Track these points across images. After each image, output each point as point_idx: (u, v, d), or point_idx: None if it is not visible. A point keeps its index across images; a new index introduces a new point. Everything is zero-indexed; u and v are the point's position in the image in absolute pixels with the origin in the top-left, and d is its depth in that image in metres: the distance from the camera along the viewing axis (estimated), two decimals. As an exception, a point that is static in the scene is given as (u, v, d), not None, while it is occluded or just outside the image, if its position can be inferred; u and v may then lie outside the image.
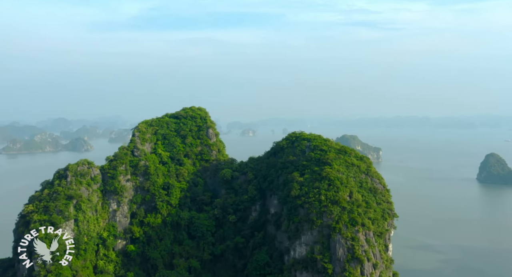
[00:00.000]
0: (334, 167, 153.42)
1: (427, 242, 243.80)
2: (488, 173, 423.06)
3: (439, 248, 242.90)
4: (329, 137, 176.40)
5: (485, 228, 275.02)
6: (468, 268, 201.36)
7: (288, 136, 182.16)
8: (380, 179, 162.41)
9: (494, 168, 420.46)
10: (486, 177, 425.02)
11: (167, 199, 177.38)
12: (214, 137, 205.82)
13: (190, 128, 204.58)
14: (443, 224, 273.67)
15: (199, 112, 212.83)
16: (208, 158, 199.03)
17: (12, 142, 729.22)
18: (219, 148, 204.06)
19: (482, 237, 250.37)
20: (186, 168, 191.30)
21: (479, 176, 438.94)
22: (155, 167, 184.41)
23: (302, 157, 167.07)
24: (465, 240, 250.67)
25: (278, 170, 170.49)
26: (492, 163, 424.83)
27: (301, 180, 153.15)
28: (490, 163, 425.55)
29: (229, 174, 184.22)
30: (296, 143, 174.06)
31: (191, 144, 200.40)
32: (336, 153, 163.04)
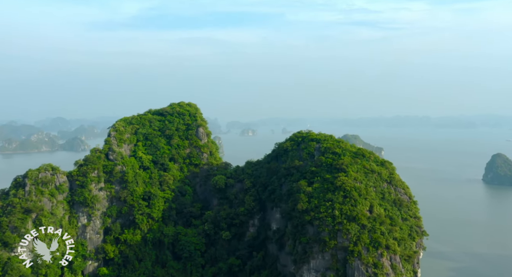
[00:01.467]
0: (350, 174, 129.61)
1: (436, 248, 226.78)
2: (494, 174, 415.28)
3: (449, 255, 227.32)
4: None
5: (495, 232, 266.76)
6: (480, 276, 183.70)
7: (293, 136, 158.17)
8: (406, 189, 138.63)
9: (501, 169, 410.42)
10: (492, 178, 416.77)
11: (148, 211, 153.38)
12: (206, 137, 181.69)
13: (177, 126, 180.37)
14: (451, 227, 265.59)
15: (188, 108, 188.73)
16: (198, 162, 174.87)
17: (7, 142, 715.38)
18: (211, 150, 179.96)
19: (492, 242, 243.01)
20: (171, 174, 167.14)
21: (485, 177, 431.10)
22: (134, 173, 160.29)
23: (311, 161, 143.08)
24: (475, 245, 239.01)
25: (281, 177, 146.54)
26: (499, 164, 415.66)
27: (310, 190, 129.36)
28: (496, 163, 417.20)
29: (223, 181, 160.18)
30: (303, 145, 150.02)
31: (178, 146, 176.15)
32: (352, 157, 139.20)
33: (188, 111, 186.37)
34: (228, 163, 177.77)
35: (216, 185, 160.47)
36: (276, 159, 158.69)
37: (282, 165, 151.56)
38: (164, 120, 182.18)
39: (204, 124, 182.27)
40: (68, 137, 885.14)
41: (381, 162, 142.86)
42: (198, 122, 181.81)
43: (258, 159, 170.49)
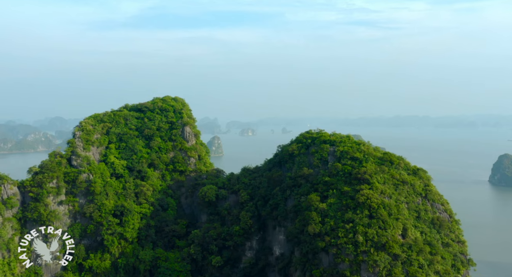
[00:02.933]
0: (376, 186, 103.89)
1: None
2: (502, 175, 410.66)
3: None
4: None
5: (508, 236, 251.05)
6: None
7: (300, 137, 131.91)
8: (445, 204, 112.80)
9: (509, 170, 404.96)
10: (499, 180, 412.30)
11: (120, 230, 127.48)
12: (193, 138, 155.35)
13: (159, 125, 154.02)
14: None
15: (172, 103, 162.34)
16: (183, 168, 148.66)
17: (3, 142, 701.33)
18: (200, 154, 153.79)
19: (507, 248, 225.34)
20: (150, 184, 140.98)
21: (491, 178, 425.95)
22: (103, 182, 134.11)
23: (323, 169, 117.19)
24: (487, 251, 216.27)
25: (285, 189, 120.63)
26: (506, 165, 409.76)
27: (324, 207, 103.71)
28: (504, 164, 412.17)
29: (213, 192, 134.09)
30: (313, 148, 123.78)
31: (159, 149, 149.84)
32: (377, 163, 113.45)
33: (172, 106, 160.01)
34: (220, 170, 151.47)
35: (205, 197, 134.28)
36: (280, 166, 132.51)
37: (287, 173, 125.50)
38: (143, 117, 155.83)
39: (191, 122, 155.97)
40: (65, 137, 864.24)
41: (413, 170, 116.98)
42: (184, 119, 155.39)
43: (257, 165, 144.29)
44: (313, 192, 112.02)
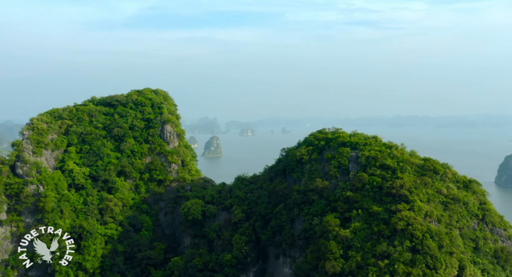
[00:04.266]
0: (419, 206, 77.47)
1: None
2: (508, 177, 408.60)
3: None
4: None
5: None
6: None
7: (311, 138, 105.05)
8: (508, 229, 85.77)
9: None
10: (506, 181, 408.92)
11: (78, 259, 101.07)
12: (176, 139, 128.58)
13: (133, 123, 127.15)
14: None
15: (151, 96, 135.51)
16: (162, 177, 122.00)
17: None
18: (183, 159, 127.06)
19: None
20: (119, 197, 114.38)
21: (498, 179, 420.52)
22: (58, 196, 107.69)
23: (344, 181, 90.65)
24: None
25: (292, 206, 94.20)
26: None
27: (346, 234, 77.30)
28: (510, 165, 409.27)
29: (199, 209, 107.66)
30: (329, 153, 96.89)
31: (132, 153, 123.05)
32: (417, 173, 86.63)
33: (150, 100, 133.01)
34: (208, 180, 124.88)
35: (189, 215, 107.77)
36: (284, 175, 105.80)
37: (294, 186, 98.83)
38: (113, 113, 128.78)
39: (173, 120, 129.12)
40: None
41: (463, 182, 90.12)
42: (164, 116, 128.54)
43: (255, 174, 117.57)
44: (331, 213, 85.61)
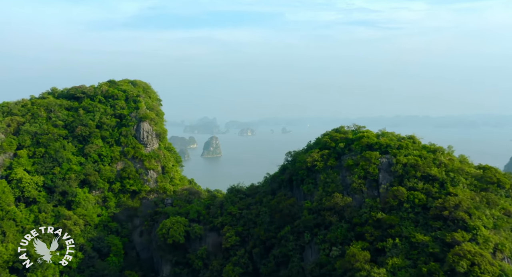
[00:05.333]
0: (484, 237, 55.15)
1: None
2: None
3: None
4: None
5: None
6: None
7: (326, 138, 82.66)
8: None
9: None
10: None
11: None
12: (155, 140, 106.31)
13: (101, 120, 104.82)
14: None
15: (126, 87, 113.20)
16: (137, 187, 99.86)
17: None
18: (164, 164, 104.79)
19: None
20: (81, 214, 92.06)
21: None
22: (0, 213, 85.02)
23: (372, 197, 68.78)
24: None
25: (302, 230, 72.50)
26: None
27: (381, 275, 54.42)
28: None
29: (181, 230, 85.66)
30: (351, 159, 74.81)
31: (99, 157, 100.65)
32: (475, 188, 64.56)
33: (125, 92, 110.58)
34: (194, 191, 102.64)
35: (168, 237, 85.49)
36: (290, 187, 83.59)
37: (304, 202, 76.53)
38: (78, 108, 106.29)
39: (152, 116, 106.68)
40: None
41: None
42: (141, 112, 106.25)
43: (253, 184, 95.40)
44: (356, 241, 63.50)
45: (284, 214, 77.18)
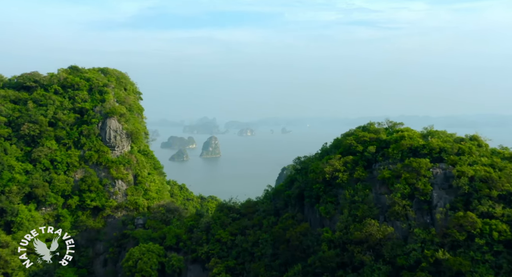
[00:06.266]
0: None
1: None
2: None
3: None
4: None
5: None
6: None
7: (350, 139, 60.94)
8: None
9: None
10: None
11: None
12: (126, 141, 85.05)
13: (56, 116, 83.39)
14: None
15: (90, 75, 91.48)
16: (100, 203, 78.27)
17: None
18: (137, 172, 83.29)
19: None
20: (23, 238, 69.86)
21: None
22: None
23: (422, 225, 47.41)
24: None
25: (318, 271, 50.46)
26: None
27: None
28: None
29: (153, 261, 63.87)
30: (388, 168, 52.83)
31: (52, 164, 79.12)
32: None
33: (88, 81, 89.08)
34: (173, 208, 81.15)
35: (136, 270, 64.09)
36: (301, 207, 62.35)
37: (321, 229, 55.00)
38: (26, 101, 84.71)
39: (121, 111, 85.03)
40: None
41: None
42: (108, 105, 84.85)
43: (250, 199, 73.96)
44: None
45: (292, 245, 55.86)
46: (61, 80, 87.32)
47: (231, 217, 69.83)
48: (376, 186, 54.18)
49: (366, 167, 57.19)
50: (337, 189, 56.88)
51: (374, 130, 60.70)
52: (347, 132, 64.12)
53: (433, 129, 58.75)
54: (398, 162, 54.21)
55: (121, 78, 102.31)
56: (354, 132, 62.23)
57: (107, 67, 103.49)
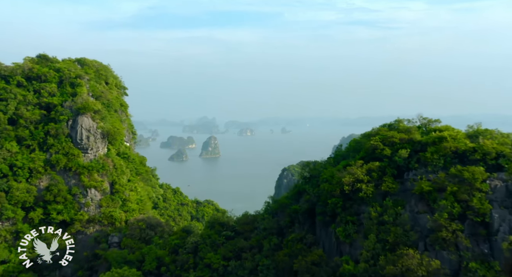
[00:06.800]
0: None
1: None
2: None
3: None
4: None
5: None
6: None
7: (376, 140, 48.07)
8: None
9: None
10: None
11: None
12: (101, 142, 72.59)
13: (18, 112, 70.95)
14: None
15: (62, 65, 78.94)
16: (68, 216, 65.80)
17: None
18: (114, 179, 70.61)
19: None
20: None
21: None
22: None
23: (479, 257, 35.24)
24: None
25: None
26: None
27: None
28: None
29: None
30: (426, 178, 40.28)
31: (11, 169, 66.64)
32: None
33: (58, 71, 76.56)
34: (156, 224, 68.28)
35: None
36: (311, 224, 49.75)
37: (340, 259, 42.23)
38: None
39: (96, 107, 72.52)
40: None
41: None
42: (80, 100, 72.37)
43: (247, 212, 61.70)
44: None
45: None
46: (25, 70, 74.86)
47: (224, 235, 57.36)
48: (412, 202, 41.66)
49: (396, 177, 44.69)
50: (359, 205, 44.32)
51: (405, 129, 48.00)
52: (370, 132, 51.41)
53: (480, 128, 46.13)
54: (439, 170, 41.74)
55: (101, 70, 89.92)
56: (379, 131, 49.51)
57: (84, 58, 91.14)
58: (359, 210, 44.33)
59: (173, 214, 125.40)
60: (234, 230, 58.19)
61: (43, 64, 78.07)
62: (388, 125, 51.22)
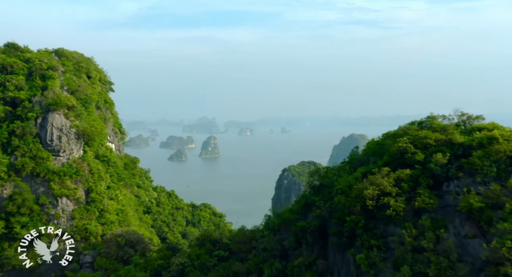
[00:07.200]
0: None
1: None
2: None
3: None
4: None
5: None
6: None
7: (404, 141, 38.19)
8: None
9: None
10: None
11: None
12: (76, 144, 63.05)
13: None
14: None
15: (32, 55, 69.49)
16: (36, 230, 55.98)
17: None
18: (90, 186, 61.09)
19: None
20: None
21: None
22: None
23: None
24: None
25: None
26: None
27: None
28: None
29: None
30: (475, 192, 30.62)
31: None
32: None
33: (27, 62, 67.15)
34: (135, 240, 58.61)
35: None
36: (322, 246, 40.03)
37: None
38: None
39: (70, 103, 63.08)
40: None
41: None
42: (51, 94, 62.82)
43: (243, 227, 52.19)
44: None
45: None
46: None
47: (216, 256, 47.93)
48: (456, 223, 32.22)
49: (432, 188, 35.29)
50: (385, 226, 34.85)
51: (439, 127, 38.43)
52: (395, 131, 41.75)
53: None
54: (492, 181, 32.32)
55: (81, 62, 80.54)
56: (408, 130, 39.88)
57: (63, 48, 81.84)
58: (386, 231, 34.80)
59: (167, 219, 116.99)
60: (228, 248, 48.73)
61: (11, 54, 68.77)
62: (418, 122, 41.49)
